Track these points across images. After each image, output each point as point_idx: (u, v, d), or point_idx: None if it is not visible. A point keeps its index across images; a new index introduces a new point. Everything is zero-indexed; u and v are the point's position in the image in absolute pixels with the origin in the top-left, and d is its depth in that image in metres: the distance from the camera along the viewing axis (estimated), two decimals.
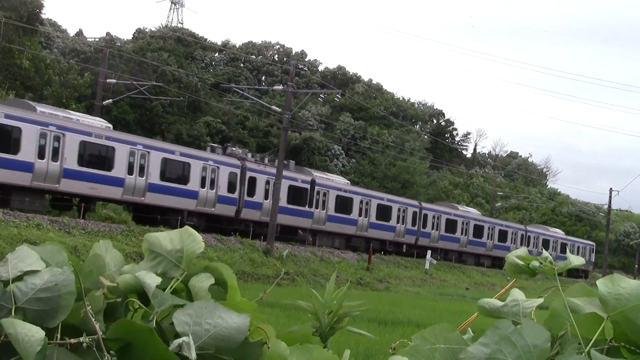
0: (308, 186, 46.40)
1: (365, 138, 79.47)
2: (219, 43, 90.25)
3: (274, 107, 50.32)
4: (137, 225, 36.27)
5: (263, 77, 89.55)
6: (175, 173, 39.13)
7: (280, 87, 54.73)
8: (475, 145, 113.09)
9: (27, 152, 32.11)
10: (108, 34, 47.14)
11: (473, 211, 66.75)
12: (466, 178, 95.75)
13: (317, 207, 47.04)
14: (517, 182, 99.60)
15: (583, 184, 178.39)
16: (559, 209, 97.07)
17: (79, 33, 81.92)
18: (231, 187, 41.67)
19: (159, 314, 1.51)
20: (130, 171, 36.52)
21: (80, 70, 59.31)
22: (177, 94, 61.75)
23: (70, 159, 33.68)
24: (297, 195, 45.57)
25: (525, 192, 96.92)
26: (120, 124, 61.81)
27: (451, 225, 59.48)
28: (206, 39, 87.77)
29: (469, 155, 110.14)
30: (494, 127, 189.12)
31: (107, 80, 45.62)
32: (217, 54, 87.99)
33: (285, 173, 43.04)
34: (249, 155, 45.51)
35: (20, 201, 32.75)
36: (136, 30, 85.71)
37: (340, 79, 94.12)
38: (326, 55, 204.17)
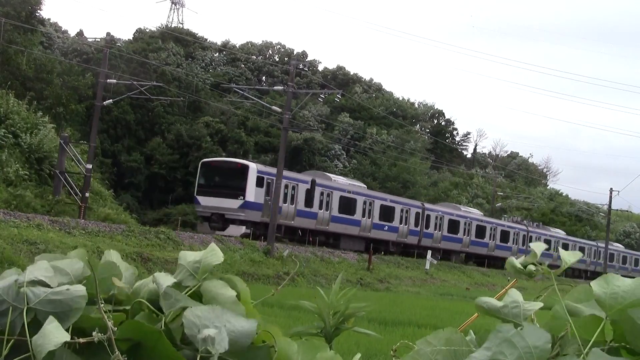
0: None
1: (365, 138, 79.43)
2: (219, 43, 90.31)
3: (274, 108, 50.17)
4: (138, 225, 36.29)
5: (263, 78, 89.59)
6: (480, 233, 62.50)
7: (281, 87, 54.48)
8: (476, 145, 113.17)
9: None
10: (108, 34, 47.04)
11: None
12: (466, 178, 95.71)
13: None
14: (517, 182, 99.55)
15: (583, 184, 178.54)
16: (559, 209, 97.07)
17: (80, 33, 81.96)
18: (523, 244, 66.96)
19: (169, 316, 1.54)
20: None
21: (82, 71, 59.25)
22: (177, 94, 61.70)
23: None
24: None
25: (525, 193, 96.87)
26: (121, 124, 61.77)
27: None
28: (206, 39, 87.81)
29: (469, 156, 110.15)
30: (494, 127, 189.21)
31: (108, 80, 45.55)
32: (217, 54, 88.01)
33: None
34: (524, 221, 71.89)
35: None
36: (136, 30, 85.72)
37: (340, 79, 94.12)
38: (326, 55, 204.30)
